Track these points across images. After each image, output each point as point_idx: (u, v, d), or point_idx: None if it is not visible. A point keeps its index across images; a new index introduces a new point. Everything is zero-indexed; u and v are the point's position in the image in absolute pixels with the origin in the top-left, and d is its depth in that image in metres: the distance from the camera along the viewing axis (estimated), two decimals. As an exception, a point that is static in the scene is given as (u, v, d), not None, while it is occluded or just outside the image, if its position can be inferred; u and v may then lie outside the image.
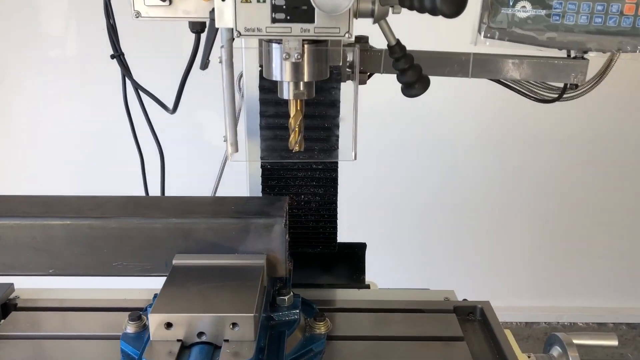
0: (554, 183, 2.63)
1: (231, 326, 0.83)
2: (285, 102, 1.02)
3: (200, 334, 0.83)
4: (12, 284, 1.19)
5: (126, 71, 1.31)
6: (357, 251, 1.41)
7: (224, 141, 0.92)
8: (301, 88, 0.97)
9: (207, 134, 2.49)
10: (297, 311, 1.02)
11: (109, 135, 2.32)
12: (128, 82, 1.32)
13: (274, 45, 0.93)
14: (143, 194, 1.46)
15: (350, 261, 1.42)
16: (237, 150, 0.92)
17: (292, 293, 1.04)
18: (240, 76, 1.23)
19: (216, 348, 0.83)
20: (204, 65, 0.97)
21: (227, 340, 0.83)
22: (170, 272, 0.93)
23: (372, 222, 2.58)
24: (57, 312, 1.14)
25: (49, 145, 2.51)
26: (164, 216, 0.95)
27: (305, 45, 0.91)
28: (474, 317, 1.17)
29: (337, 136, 1.14)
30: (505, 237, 2.74)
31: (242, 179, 1.35)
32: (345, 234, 1.42)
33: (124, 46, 1.25)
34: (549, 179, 2.62)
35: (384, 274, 2.59)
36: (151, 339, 0.83)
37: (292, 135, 1.02)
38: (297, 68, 0.94)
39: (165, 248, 0.96)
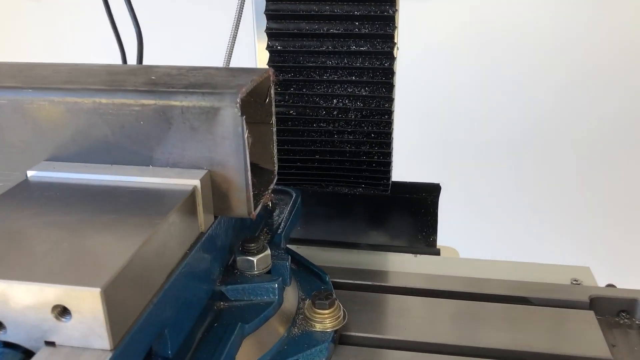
0: None
1: (56, 313, 0.35)
2: None
3: None
4: None
5: None
6: (425, 196, 0.89)
7: None
8: None
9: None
10: (274, 285, 0.52)
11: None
12: None
13: None
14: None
15: (416, 211, 0.90)
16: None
17: (268, 250, 0.55)
18: None
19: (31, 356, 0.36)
20: None
21: (50, 343, 0.36)
22: (8, 190, 0.47)
23: (461, 159, 1.95)
24: None
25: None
26: (16, 86, 0.49)
27: None
28: (629, 318, 0.62)
29: None
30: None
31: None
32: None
33: None
34: None
35: (475, 236, 1.96)
36: None
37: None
38: None
39: (20, 147, 0.50)
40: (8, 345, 0.37)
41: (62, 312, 0.36)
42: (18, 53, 2.25)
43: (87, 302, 0.35)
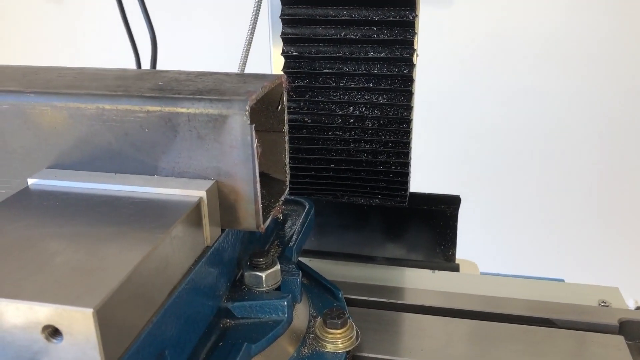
0: None
1: (47, 334, 0.33)
2: None
3: (-13, 344, 0.34)
4: None
5: None
6: (444, 209, 0.85)
7: None
8: None
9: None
10: (284, 303, 0.50)
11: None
12: None
13: None
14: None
15: (434, 224, 0.87)
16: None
17: (278, 265, 0.52)
18: None
19: (22, 380, 0.34)
20: None
21: (41, 366, 0.34)
22: (7, 199, 0.45)
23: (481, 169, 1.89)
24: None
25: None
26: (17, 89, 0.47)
27: None
28: (661, 345, 0.58)
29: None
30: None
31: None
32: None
33: None
34: None
35: (496, 251, 1.88)
36: None
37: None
38: None
39: (21, 153, 0.49)
40: (-4, 366, 0.35)
41: (53, 332, 0.33)
42: (38, 55, 2.27)
43: (79, 324, 0.32)
